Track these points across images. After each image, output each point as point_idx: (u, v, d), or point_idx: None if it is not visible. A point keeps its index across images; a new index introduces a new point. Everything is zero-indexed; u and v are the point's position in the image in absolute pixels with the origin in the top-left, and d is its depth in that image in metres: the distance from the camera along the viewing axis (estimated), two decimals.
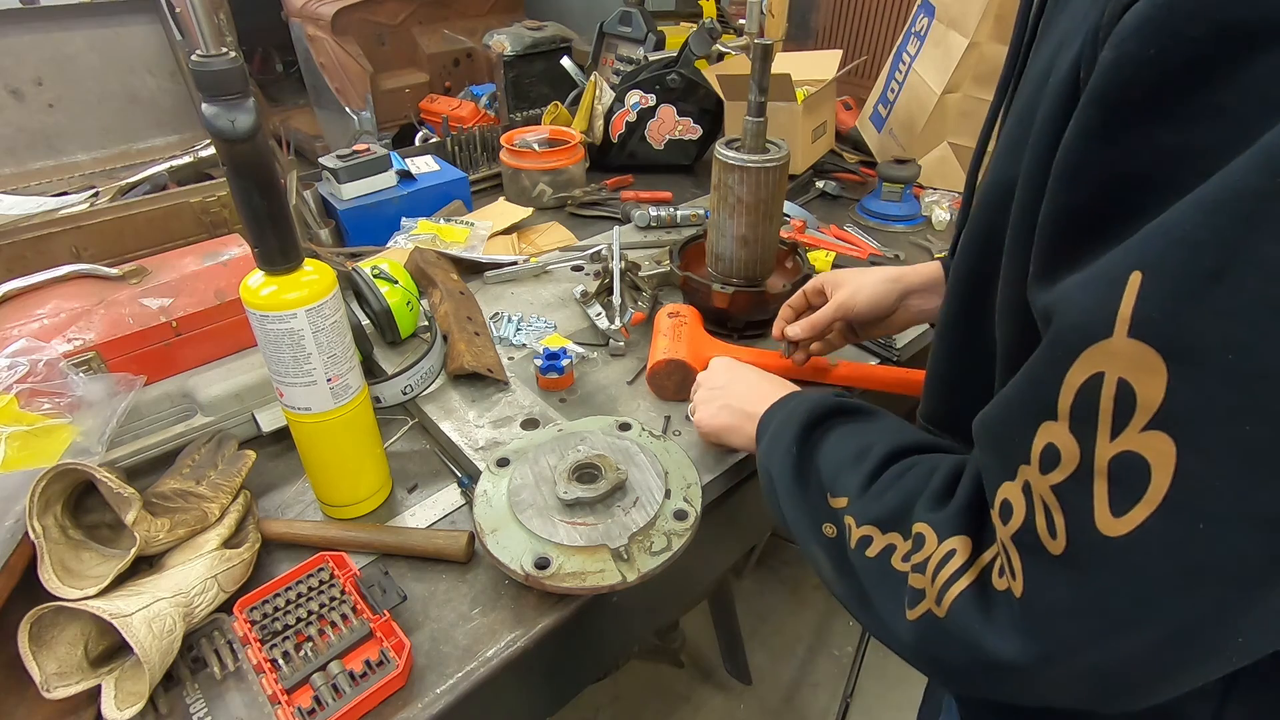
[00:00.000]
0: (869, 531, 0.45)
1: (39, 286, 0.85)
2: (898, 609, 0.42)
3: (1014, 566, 0.35)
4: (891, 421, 0.55)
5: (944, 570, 0.39)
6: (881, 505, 0.45)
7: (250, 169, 0.55)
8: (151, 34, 2.21)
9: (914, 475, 0.46)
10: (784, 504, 0.54)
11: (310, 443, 0.68)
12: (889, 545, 0.44)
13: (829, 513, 0.50)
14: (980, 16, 1.24)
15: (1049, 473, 0.32)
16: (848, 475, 0.49)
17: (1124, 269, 0.29)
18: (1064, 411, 0.31)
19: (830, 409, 0.56)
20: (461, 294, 1.03)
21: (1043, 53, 0.41)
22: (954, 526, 0.40)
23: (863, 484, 0.48)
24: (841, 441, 0.53)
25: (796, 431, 0.55)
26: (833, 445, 0.53)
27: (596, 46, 1.73)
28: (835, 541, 0.49)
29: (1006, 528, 0.36)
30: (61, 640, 0.56)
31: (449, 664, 0.60)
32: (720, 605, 1.54)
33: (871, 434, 0.52)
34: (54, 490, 0.61)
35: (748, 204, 0.88)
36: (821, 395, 0.59)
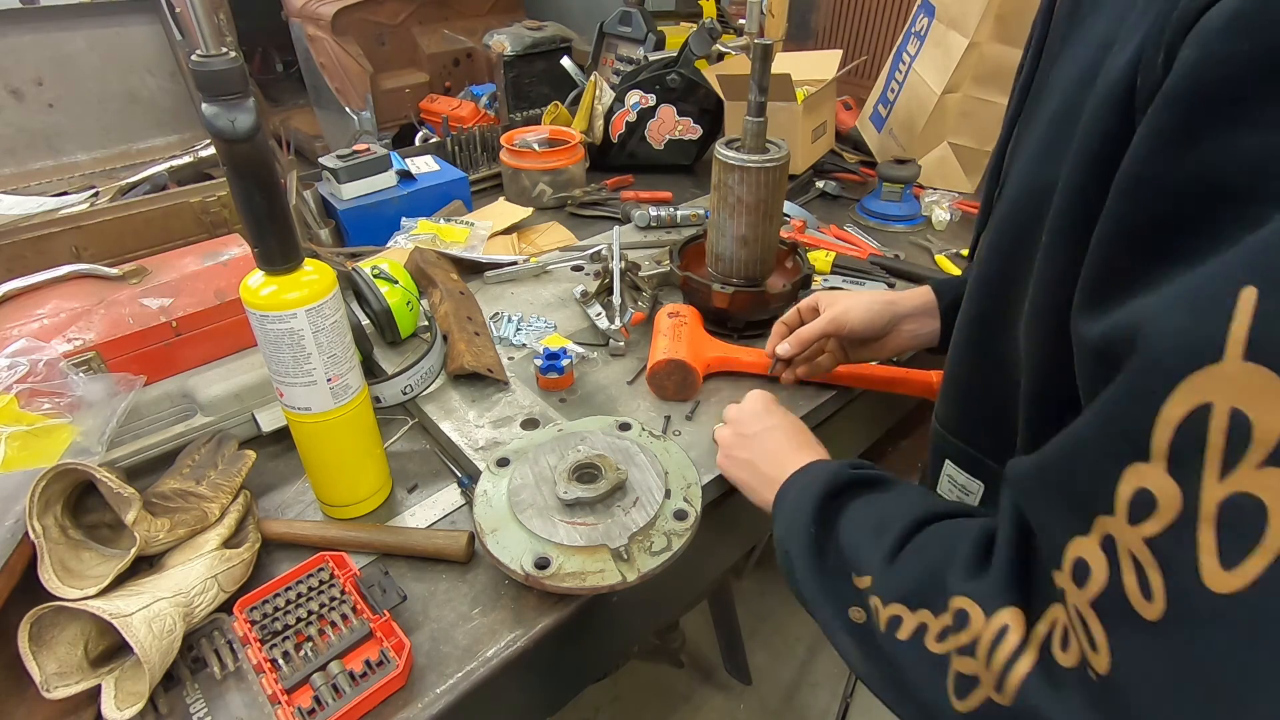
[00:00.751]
0: (897, 611, 0.41)
1: (39, 286, 0.85)
2: (942, 698, 0.38)
3: (1094, 637, 0.30)
4: (912, 489, 0.52)
5: (1000, 650, 0.35)
6: (906, 578, 0.42)
7: (250, 169, 0.55)
8: (151, 34, 2.20)
9: (938, 543, 0.42)
10: (805, 587, 0.51)
11: (310, 443, 0.68)
12: (921, 624, 0.40)
13: (854, 594, 0.46)
14: (980, 16, 1.24)
15: (1141, 523, 0.28)
16: (869, 551, 0.46)
17: (1230, 285, 0.26)
18: (1159, 451, 0.27)
19: (846, 481, 0.53)
20: (461, 294, 1.03)
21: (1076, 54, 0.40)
22: (1001, 597, 0.36)
23: (885, 558, 0.44)
24: (861, 514, 0.50)
25: (813, 508, 0.52)
26: (852, 519, 0.50)
27: (596, 46, 1.73)
28: (863, 626, 0.45)
29: (1083, 592, 0.31)
30: (61, 640, 0.56)
31: (449, 664, 0.60)
32: (720, 605, 1.54)
33: (892, 504, 0.49)
34: (54, 490, 0.61)
35: (748, 204, 0.88)
36: (838, 466, 0.55)
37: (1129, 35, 0.33)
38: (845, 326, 0.78)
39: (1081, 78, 0.38)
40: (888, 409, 1.10)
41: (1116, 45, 0.35)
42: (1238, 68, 0.27)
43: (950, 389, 0.58)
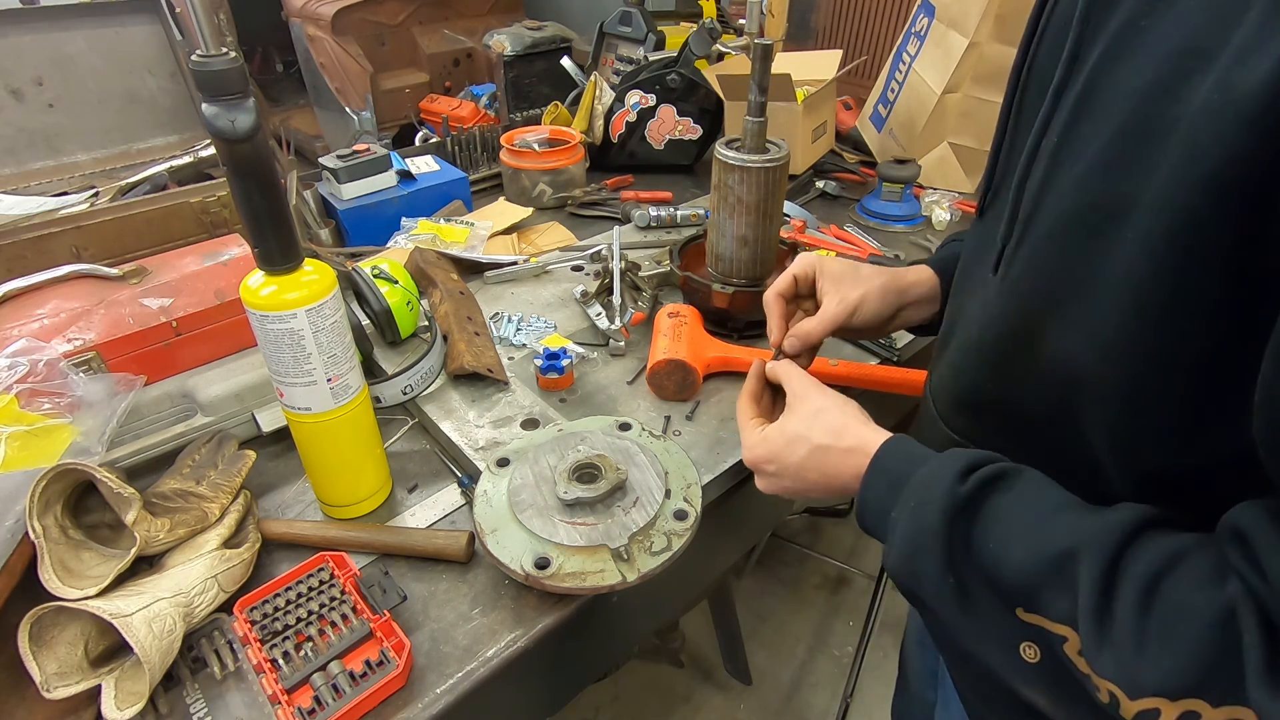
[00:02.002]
0: (1153, 704, 0.36)
1: (39, 286, 0.85)
2: None
3: None
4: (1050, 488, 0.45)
5: None
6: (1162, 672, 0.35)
7: (250, 169, 0.55)
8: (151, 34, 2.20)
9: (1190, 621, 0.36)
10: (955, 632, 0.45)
11: (310, 443, 0.68)
12: (1188, 713, 0.35)
13: (1024, 630, 0.41)
14: (980, 16, 1.24)
15: None
16: (1052, 595, 0.39)
17: None
18: None
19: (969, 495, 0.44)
20: (461, 294, 1.03)
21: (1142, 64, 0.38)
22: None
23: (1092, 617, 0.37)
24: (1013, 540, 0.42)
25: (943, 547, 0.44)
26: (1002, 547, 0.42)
27: (596, 46, 1.73)
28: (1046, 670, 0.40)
29: None
30: (61, 640, 0.56)
31: (449, 664, 0.60)
32: (720, 605, 1.54)
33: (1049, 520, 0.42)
34: (54, 490, 0.61)
35: (748, 204, 0.88)
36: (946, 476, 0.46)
37: (1251, 47, 0.32)
38: (851, 326, 0.70)
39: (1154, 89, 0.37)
40: (888, 409, 1.10)
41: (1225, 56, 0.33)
42: None
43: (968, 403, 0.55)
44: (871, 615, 1.58)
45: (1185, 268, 0.36)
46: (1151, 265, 0.37)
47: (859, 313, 0.69)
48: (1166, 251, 0.36)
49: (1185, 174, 0.34)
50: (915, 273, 0.73)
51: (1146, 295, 0.38)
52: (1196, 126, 0.34)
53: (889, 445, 0.52)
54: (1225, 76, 0.33)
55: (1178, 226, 0.35)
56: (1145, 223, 0.37)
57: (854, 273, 0.71)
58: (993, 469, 0.45)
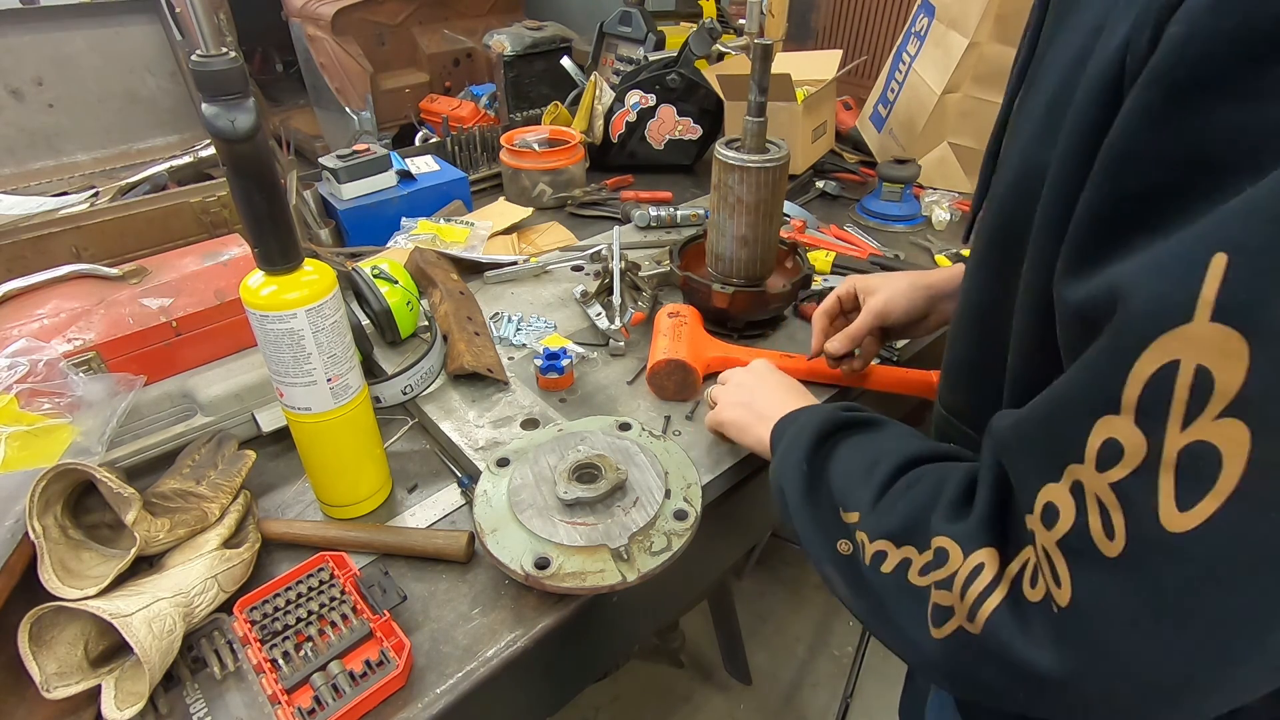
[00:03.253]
0: (882, 546, 0.44)
1: (39, 286, 0.85)
2: (920, 626, 0.41)
3: (1059, 573, 0.33)
4: (901, 431, 0.54)
5: (974, 586, 0.38)
6: (893, 518, 0.44)
7: (250, 169, 0.55)
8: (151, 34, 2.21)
9: (924, 486, 0.45)
10: (797, 520, 0.53)
11: (310, 443, 0.68)
12: (904, 559, 0.43)
13: (842, 528, 0.49)
14: (980, 16, 1.24)
15: (1108, 470, 0.31)
16: (858, 489, 0.48)
17: (1204, 251, 0.28)
18: (1129, 404, 0.30)
19: (840, 423, 0.55)
20: (461, 294, 1.03)
21: (1069, 38, 0.41)
22: (978, 539, 0.39)
23: (873, 497, 0.47)
24: (851, 454, 0.52)
25: (807, 446, 0.54)
26: (843, 459, 0.52)
27: (596, 46, 1.73)
28: (850, 558, 0.48)
29: (1051, 533, 0.34)
30: (61, 640, 0.56)
31: (449, 664, 0.60)
32: (720, 605, 1.54)
33: (881, 446, 0.51)
34: (54, 490, 0.61)
35: (748, 204, 0.88)
36: (832, 408, 0.58)
37: (1119, 19, 0.34)
38: (889, 318, 0.80)
39: (1073, 62, 0.39)
40: (888, 409, 1.10)
41: (1106, 29, 0.36)
42: (1222, 42, 0.28)
43: (953, 374, 0.58)
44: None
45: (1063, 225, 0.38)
46: (1043, 225, 0.40)
47: (889, 313, 0.80)
48: (1054, 211, 0.39)
49: (1067, 138, 0.37)
50: (943, 270, 0.83)
51: (1042, 255, 0.40)
52: (1080, 94, 0.36)
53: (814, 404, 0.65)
54: (1102, 47, 0.35)
55: (1060, 187, 0.38)
56: (1045, 188, 0.39)
57: (885, 280, 0.82)
58: (869, 414, 0.56)
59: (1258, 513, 0.28)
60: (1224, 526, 0.28)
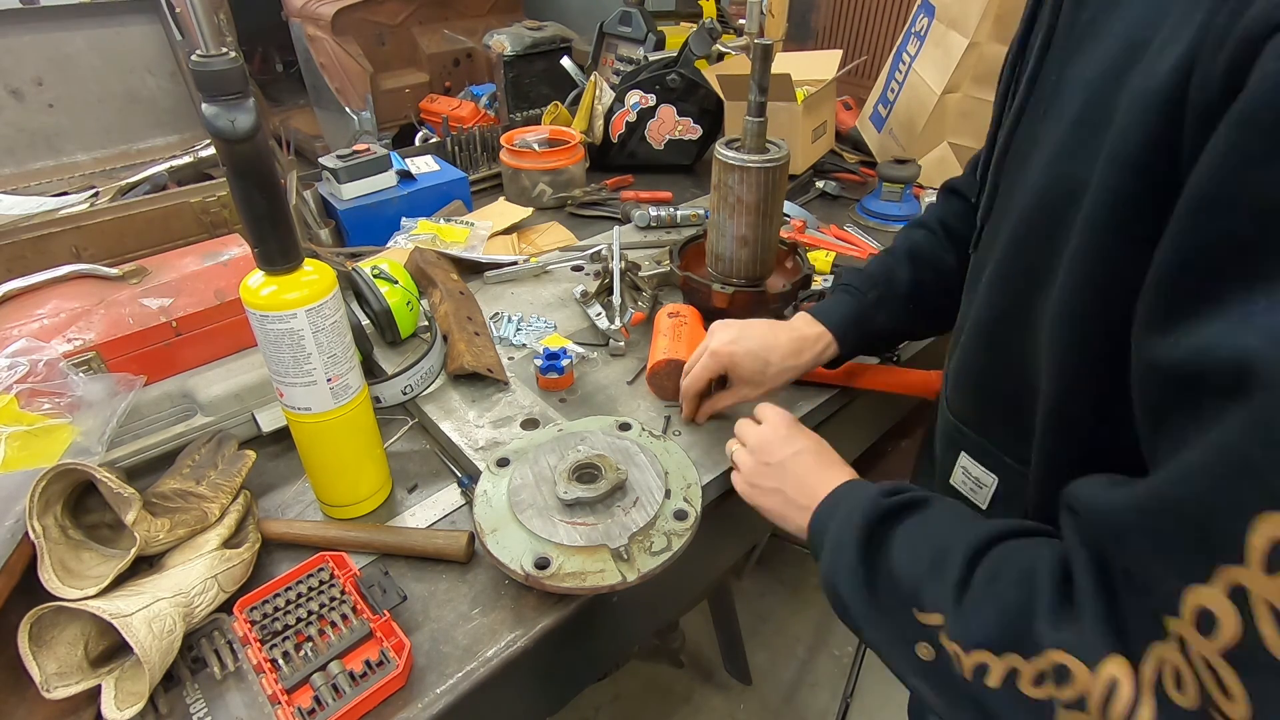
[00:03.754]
0: (982, 658, 0.39)
1: (39, 286, 0.85)
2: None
3: (1227, 685, 0.29)
4: (954, 510, 0.50)
5: (1115, 705, 0.33)
6: (987, 625, 0.39)
7: (250, 169, 0.55)
8: (151, 34, 2.21)
9: (1009, 581, 0.40)
10: (865, 628, 0.49)
11: (310, 443, 0.68)
12: (1011, 670, 0.38)
13: (919, 631, 0.44)
14: (980, 16, 1.24)
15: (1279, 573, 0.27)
16: (932, 586, 0.44)
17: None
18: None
19: (886, 511, 0.50)
20: (461, 294, 1.03)
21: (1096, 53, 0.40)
22: (1099, 648, 0.34)
23: (953, 596, 0.42)
24: (911, 547, 0.47)
25: (858, 545, 0.49)
26: (902, 552, 0.48)
27: (596, 46, 1.73)
28: (936, 666, 0.43)
29: (1212, 642, 0.30)
30: (61, 640, 0.56)
31: (449, 664, 0.60)
32: (720, 605, 1.54)
33: (941, 532, 0.47)
34: (54, 490, 0.61)
35: (748, 204, 0.88)
36: (874, 494, 0.52)
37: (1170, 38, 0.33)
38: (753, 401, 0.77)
39: (1105, 78, 0.38)
40: (888, 409, 1.10)
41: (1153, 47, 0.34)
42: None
43: (966, 383, 0.58)
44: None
45: (1115, 246, 0.37)
46: (1089, 245, 0.39)
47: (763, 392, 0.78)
48: (1101, 231, 0.38)
49: (1114, 157, 0.36)
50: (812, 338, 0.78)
51: (1086, 274, 0.40)
52: (1124, 112, 0.36)
53: (847, 481, 0.58)
54: (1149, 66, 0.35)
55: (1108, 208, 0.37)
56: (1089, 205, 0.39)
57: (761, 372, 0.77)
58: (914, 494, 0.51)
59: None
60: None
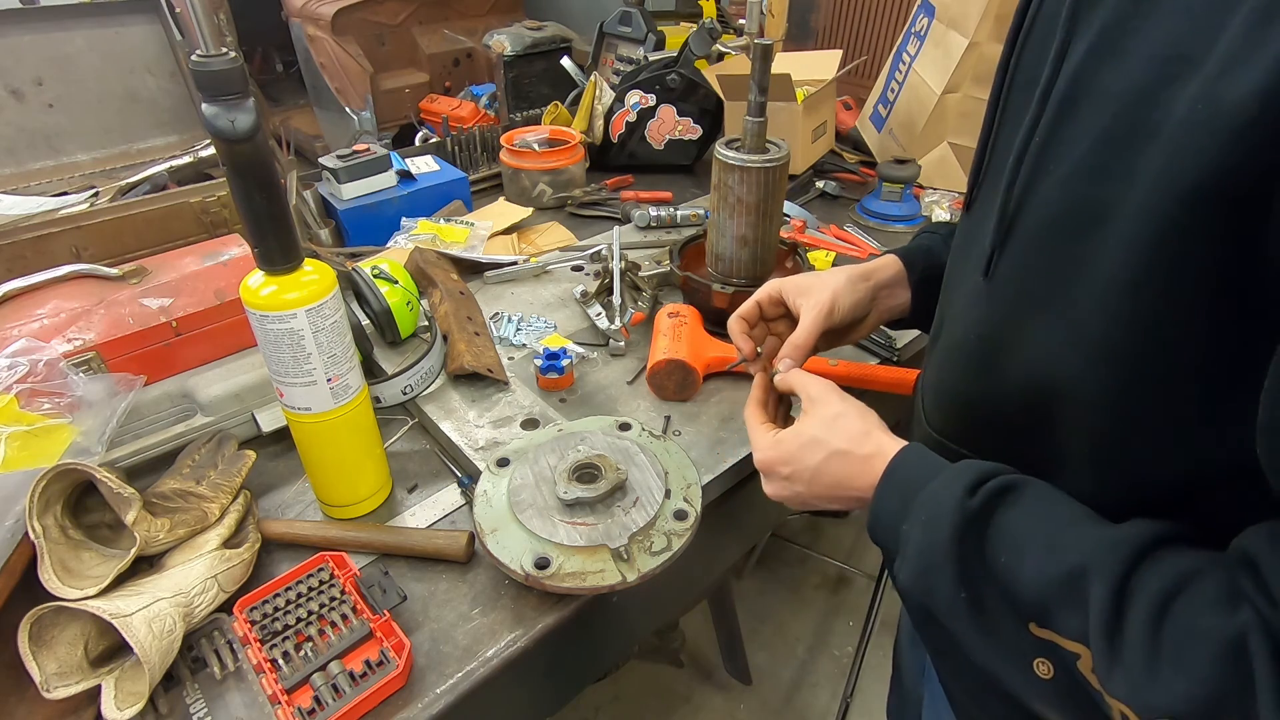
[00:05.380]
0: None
1: (39, 286, 0.85)
2: None
3: None
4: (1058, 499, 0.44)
5: None
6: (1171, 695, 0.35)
7: (250, 169, 0.55)
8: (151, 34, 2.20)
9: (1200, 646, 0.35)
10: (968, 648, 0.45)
11: (310, 443, 0.68)
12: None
13: (1036, 646, 0.40)
14: (980, 16, 1.24)
15: None
16: (1065, 612, 0.39)
17: None
18: None
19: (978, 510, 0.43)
20: (461, 294, 1.03)
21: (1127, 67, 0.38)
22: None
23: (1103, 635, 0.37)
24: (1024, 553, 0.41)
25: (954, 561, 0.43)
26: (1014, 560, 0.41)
27: (596, 46, 1.73)
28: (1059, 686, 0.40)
29: None
30: (61, 640, 0.56)
31: (449, 664, 0.60)
32: (720, 605, 1.54)
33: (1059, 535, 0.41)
34: (54, 490, 0.61)
35: (748, 204, 0.88)
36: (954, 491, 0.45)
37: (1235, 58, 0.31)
38: (834, 319, 0.68)
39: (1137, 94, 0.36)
40: (888, 409, 1.10)
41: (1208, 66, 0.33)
42: None
43: (948, 402, 0.56)
44: (871, 615, 1.58)
45: (1169, 277, 0.36)
46: (1135, 273, 0.37)
47: (836, 309, 0.68)
48: (1151, 260, 0.36)
49: (1169, 184, 0.34)
50: (876, 261, 0.72)
51: (1129, 303, 0.38)
52: (1180, 136, 0.34)
53: (903, 454, 0.51)
54: (1211, 87, 0.32)
55: (1161, 235, 0.35)
56: (1129, 230, 0.37)
57: (817, 279, 0.70)
58: (1001, 481, 0.45)
59: None
60: None
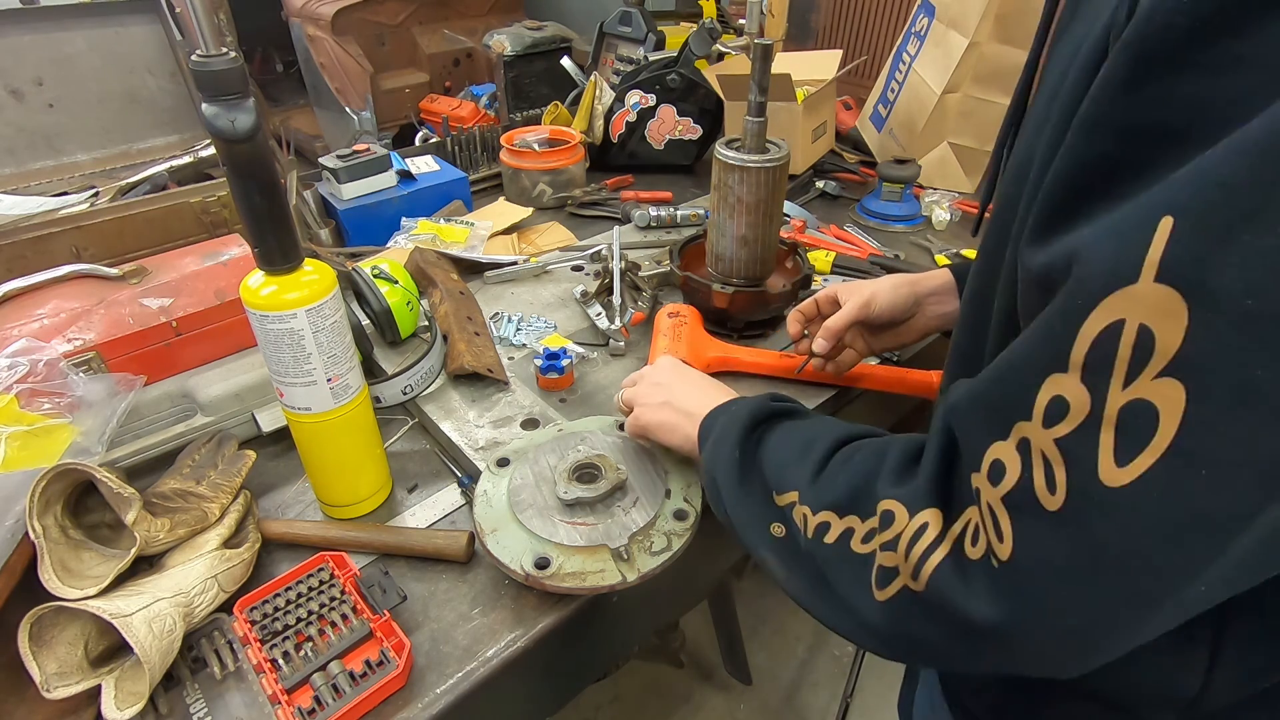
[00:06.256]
0: (826, 518, 0.45)
1: (39, 286, 0.85)
2: (864, 591, 0.42)
3: (1001, 529, 0.34)
4: (830, 420, 0.56)
5: (918, 544, 0.39)
6: (836, 489, 0.45)
7: (250, 169, 0.55)
8: (151, 34, 2.21)
9: (865, 456, 0.46)
10: (730, 509, 0.55)
11: (310, 443, 0.68)
12: (848, 529, 0.44)
13: (776, 512, 0.50)
14: (980, 16, 1.24)
15: (1053, 426, 0.32)
16: (794, 469, 0.49)
17: (1154, 214, 0.28)
18: (1077, 362, 0.31)
19: (771, 412, 0.57)
20: (461, 294, 1.03)
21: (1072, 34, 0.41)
22: (924, 500, 0.40)
23: (811, 474, 0.48)
24: (785, 439, 0.54)
25: (739, 434, 0.55)
26: (776, 444, 0.54)
27: (596, 46, 1.73)
28: (784, 540, 0.50)
29: (996, 489, 0.35)
30: (61, 640, 0.56)
31: (449, 664, 0.60)
32: (720, 605, 1.54)
33: (813, 430, 0.53)
34: (54, 490, 0.61)
35: (748, 204, 0.88)
36: (761, 399, 0.59)
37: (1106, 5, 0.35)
38: (871, 312, 0.78)
39: (1070, 53, 0.40)
40: (888, 409, 1.10)
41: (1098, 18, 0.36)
42: (1180, 16, 0.28)
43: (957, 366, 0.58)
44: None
45: None
46: (1028, 206, 0.40)
47: (874, 303, 0.78)
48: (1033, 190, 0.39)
49: (1054, 125, 0.38)
50: (927, 272, 0.81)
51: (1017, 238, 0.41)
52: (1068, 80, 0.37)
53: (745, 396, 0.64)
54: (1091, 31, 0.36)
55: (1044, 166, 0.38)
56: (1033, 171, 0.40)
57: (868, 282, 0.80)
58: (800, 406, 0.58)
59: (1189, 470, 0.29)
60: (1157, 482, 0.29)
